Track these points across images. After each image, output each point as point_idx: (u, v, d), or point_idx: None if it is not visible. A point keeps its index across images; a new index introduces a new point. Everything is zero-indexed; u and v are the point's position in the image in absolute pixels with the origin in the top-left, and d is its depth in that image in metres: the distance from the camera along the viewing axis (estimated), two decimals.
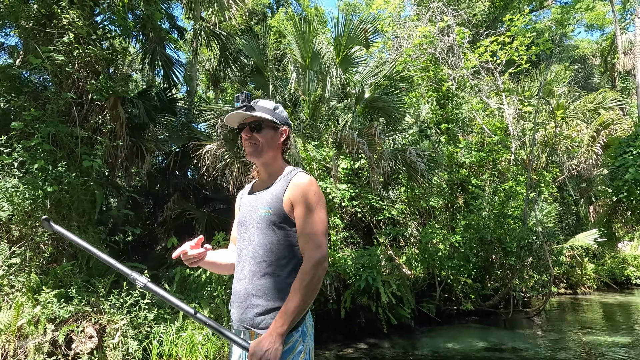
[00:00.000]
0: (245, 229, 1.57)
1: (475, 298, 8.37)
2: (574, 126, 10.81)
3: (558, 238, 8.78)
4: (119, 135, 6.57)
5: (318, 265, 1.41)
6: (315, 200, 1.49)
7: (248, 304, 1.47)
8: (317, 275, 1.40)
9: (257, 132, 1.58)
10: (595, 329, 7.63)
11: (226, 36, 8.23)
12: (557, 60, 14.48)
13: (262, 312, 1.44)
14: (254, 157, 1.60)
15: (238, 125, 1.62)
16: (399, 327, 7.00)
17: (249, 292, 1.48)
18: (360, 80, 8.47)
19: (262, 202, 1.54)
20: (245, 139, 1.59)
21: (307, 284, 1.38)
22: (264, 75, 8.58)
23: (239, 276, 1.55)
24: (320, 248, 1.44)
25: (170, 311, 6.02)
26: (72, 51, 5.61)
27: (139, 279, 1.46)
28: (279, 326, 1.35)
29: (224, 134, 6.41)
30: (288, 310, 1.36)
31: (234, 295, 1.55)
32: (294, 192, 1.49)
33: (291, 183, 1.52)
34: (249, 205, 1.60)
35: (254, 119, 1.58)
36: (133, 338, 5.02)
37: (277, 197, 1.51)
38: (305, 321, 1.48)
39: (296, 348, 1.42)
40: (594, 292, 12.09)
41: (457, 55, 8.91)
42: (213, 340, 5.48)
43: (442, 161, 8.18)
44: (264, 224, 1.50)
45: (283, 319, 1.35)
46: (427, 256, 8.05)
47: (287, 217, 1.49)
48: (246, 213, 1.59)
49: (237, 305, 1.52)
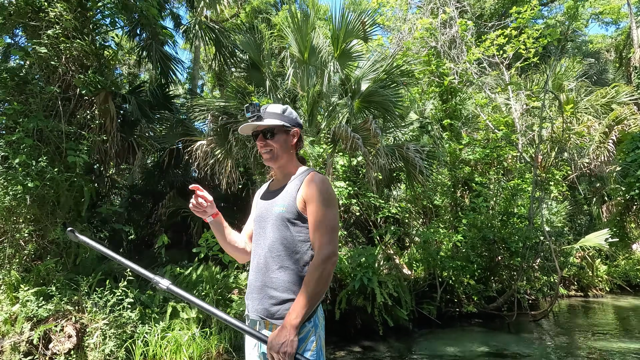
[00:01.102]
0: (262, 225, 1.66)
1: (478, 300, 8.05)
2: (585, 122, 10.37)
3: (566, 238, 8.40)
4: (109, 131, 6.47)
5: (328, 260, 1.49)
6: (327, 198, 1.58)
7: (264, 295, 1.57)
8: (327, 270, 1.49)
9: (270, 138, 1.67)
10: (606, 333, 7.24)
11: (220, 30, 8.06)
12: (568, 55, 13.99)
13: (277, 303, 1.54)
14: (271, 162, 1.70)
15: (252, 133, 1.72)
16: (397, 329, 6.74)
17: (265, 284, 1.58)
18: (360, 76, 8.23)
19: (277, 201, 1.64)
20: (260, 146, 1.69)
21: (317, 278, 1.47)
22: (261, 70, 8.41)
23: (255, 269, 1.65)
24: (330, 244, 1.52)
25: (158, 311, 5.89)
26: (59, 45, 5.50)
27: (161, 282, 1.57)
28: (292, 319, 1.43)
29: (214, 129, 6.24)
30: (301, 303, 1.45)
31: (250, 287, 1.65)
32: (307, 190, 1.59)
33: (304, 182, 1.62)
34: (266, 203, 1.70)
35: (266, 127, 1.67)
36: (116, 338, 4.88)
37: (291, 196, 1.61)
38: (317, 313, 1.56)
39: (309, 338, 1.51)
40: (606, 294, 11.60)
41: (459, 48, 8.58)
42: (198, 342, 5.32)
43: (442, 158, 7.86)
44: (279, 220, 1.59)
45: (296, 311, 1.44)
46: (428, 256, 7.76)
47: (301, 214, 1.59)
48: (263, 210, 1.69)
49: (254, 297, 1.61)
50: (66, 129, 5.31)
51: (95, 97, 6.36)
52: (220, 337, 5.60)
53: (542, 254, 7.66)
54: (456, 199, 9.21)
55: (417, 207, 9.31)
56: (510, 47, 9.88)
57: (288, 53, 8.33)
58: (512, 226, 8.25)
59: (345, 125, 6.06)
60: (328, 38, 8.31)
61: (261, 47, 8.28)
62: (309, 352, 1.51)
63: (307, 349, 1.50)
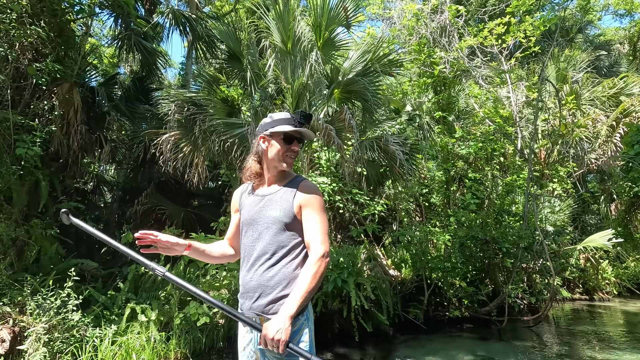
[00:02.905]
0: (254, 228, 1.74)
1: (471, 303, 7.53)
2: (589, 115, 9.71)
3: (564, 238, 7.81)
4: (72, 124, 6.18)
5: (322, 258, 1.63)
6: (319, 204, 1.73)
7: (260, 294, 1.67)
8: (321, 267, 1.62)
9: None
10: (612, 342, 6.63)
11: (196, 19, 7.71)
12: (577, 46, 13.26)
13: (272, 300, 1.64)
14: (290, 167, 1.82)
15: (290, 136, 1.79)
16: (376, 335, 6.29)
17: (261, 283, 1.67)
18: (349, 67, 7.80)
19: (272, 204, 1.73)
20: (295, 151, 1.80)
21: (313, 274, 1.59)
22: (241, 61, 8.03)
23: (248, 270, 1.74)
24: (323, 244, 1.66)
25: (118, 312, 5.56)
26: (9, 31, 5.21)
27: (158, 268, 1.65)
28: (288, 309, 1.54)
29: (179, 119, 5.88)
30: (296, 297, 1.56)
31: (244, 287, 1.74)
32: (304, 196, 1.71)
33: (299, 189, 1.73)
34: (255, 205, 1.78)
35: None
36: (62, 342, 4.56)
37: (288, 201, 1.72)
38: (309, 307, 1.71)
39: (302, 329, 1.66)
40: (613, 298, 10.90)
41: (451, 35, 8.06)
42: (156, 346, 4.97)
43: (426, 150, 7.35)
44: (275, 223, 1.69)
45: (293, 303, 1.55)
46: (414, 256, 7.29)
47: (296, 218, 1.70)
48: (253, 213, 1.77)
49: (249, 296, 1.70)
50: (15, 119, 5.00)
51: (57, 88, 6.08)
52: (180, 342, 5.25)
53: (536, 254, 7.10)
54: (449, 196, 8.70)
55: (404, 205, 8.81)
56: (509, 36, 9.32)
57: (268, 43, 7.95)
58: (508, 225, 7.73)
59: (317, 116, 5.63)
60: (309, 26, 7.90)
61: (240, 37, 7.89)
62: (303, 343, 1.66)
63: (301, 340, 1.66)
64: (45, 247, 5.75)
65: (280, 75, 7.97)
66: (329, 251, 1.67)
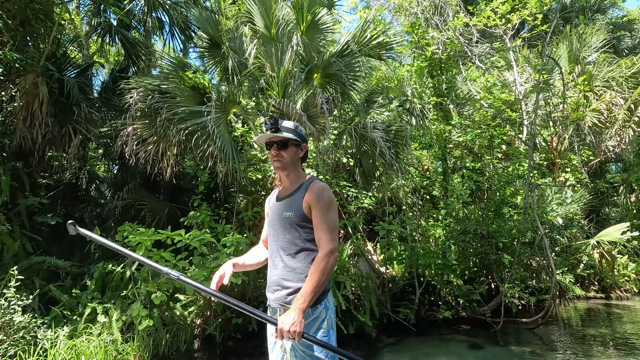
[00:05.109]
0: (274, 228, 1.97)
1: (466, 303, 6.97)
2: (603, 97, 8.88)
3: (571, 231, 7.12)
4: (36, 115, 5.93)
5: (330, 254, 1.77)
6: (328, 203, 1.86)
7: (281, 287, 1.88)
8: (330, 262, 1.77)
9: (282, 149, 1.94)
10: (629, 347, 5.92)
11: (172, 5, 7.35)
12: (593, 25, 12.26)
13: (292, 292, 1.84)
14: (280, 170, 1.97)
15: (266, 142, 1.96)
16: (358, 336, 5.84)
17: (282, 277, 1.89)
18: (339, 51, 7.30)
19: (286, 206, 1.93)
20: (273, 155, 1.95)
21: (322, 269, 1.74)
22: (222, 49, 7.64)
23: (272, 266, 1.97)
24: (332, 241, 1.80)
25: (79, 311, 5.29)
26: None
27: (172, 273, 1.78)
28: (300, 303, 1.69)
29: (142, 109, 5.53)
30: (307, 291, 1.72)
31: (269, 282, 1.96)
32: (311, 197, 1.86)
33: (309, 190, 1.89)
34: (277, 208, 1.98)
35: (281, 138, 1.93)
36: (10, 344, 4.31)
37: (298, 202, 1.89)
38: (328, 298, 1.89)
39: (320, 317, 1.83)
40: (633, 296, 10.05)
41: (445, 14, 7.44)
42: (106, 349, 4.66)
43: (418, 140, 6.79)
44: (288, 223, 1.90)
45: (303, 297, 1.71)
46: (403, 252, 6.77)
47: (306, 217, 1.88)
48: (275, 215, 1.98)
49: (273, 289, 1.93)
50: None
51: (20, 78, 5.84)
52: (141, 345, 4.94)
53: (538, 250, 6.46)
54: (447, 188, 8.11)
55: (403, 197, 8.28)
56: (514, 15, 8.60)
57: (247, 28, 7.53)
58: (509, 218, 7.11)
59: (286, 100, 5.18)
60: (292, 9, 7.43)
61: (219, 23, 7.50)
62: (321, 330, 1.81)
63: (320, 327, 1.81)
64: (9, 244, 5.54)
65: (265, 64, 7.53)
66: (337, 247, 1.80)
